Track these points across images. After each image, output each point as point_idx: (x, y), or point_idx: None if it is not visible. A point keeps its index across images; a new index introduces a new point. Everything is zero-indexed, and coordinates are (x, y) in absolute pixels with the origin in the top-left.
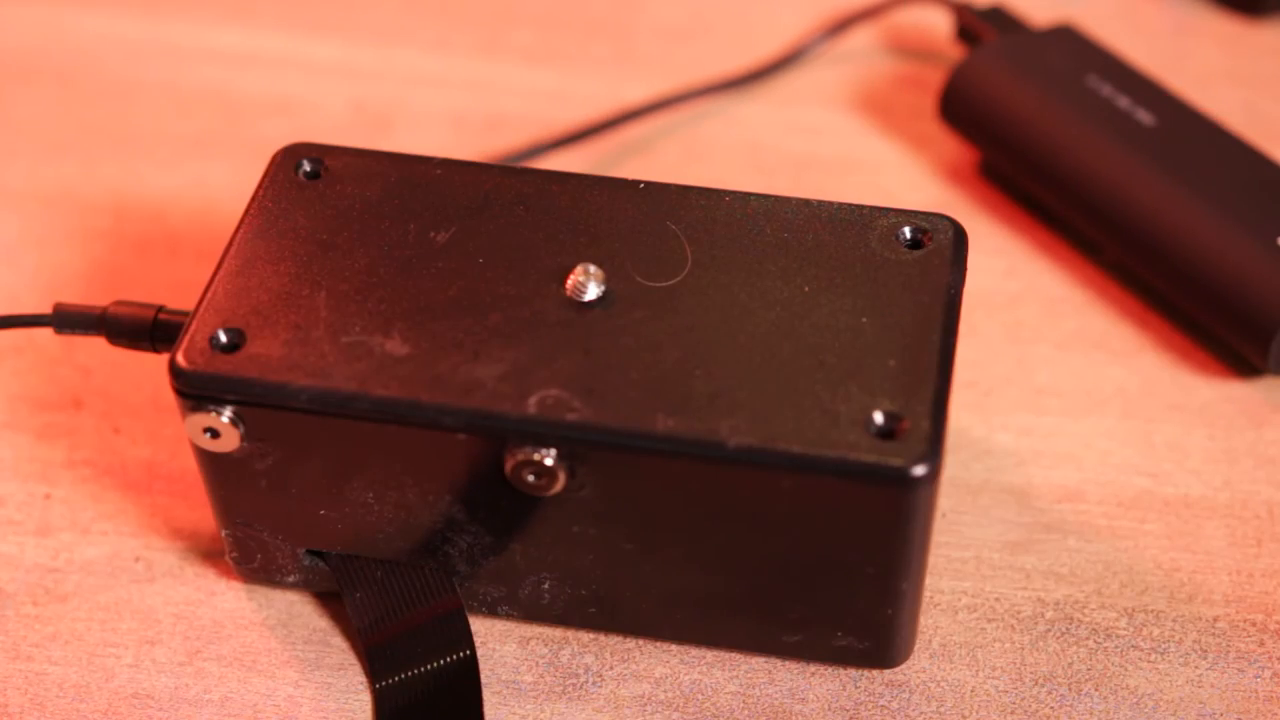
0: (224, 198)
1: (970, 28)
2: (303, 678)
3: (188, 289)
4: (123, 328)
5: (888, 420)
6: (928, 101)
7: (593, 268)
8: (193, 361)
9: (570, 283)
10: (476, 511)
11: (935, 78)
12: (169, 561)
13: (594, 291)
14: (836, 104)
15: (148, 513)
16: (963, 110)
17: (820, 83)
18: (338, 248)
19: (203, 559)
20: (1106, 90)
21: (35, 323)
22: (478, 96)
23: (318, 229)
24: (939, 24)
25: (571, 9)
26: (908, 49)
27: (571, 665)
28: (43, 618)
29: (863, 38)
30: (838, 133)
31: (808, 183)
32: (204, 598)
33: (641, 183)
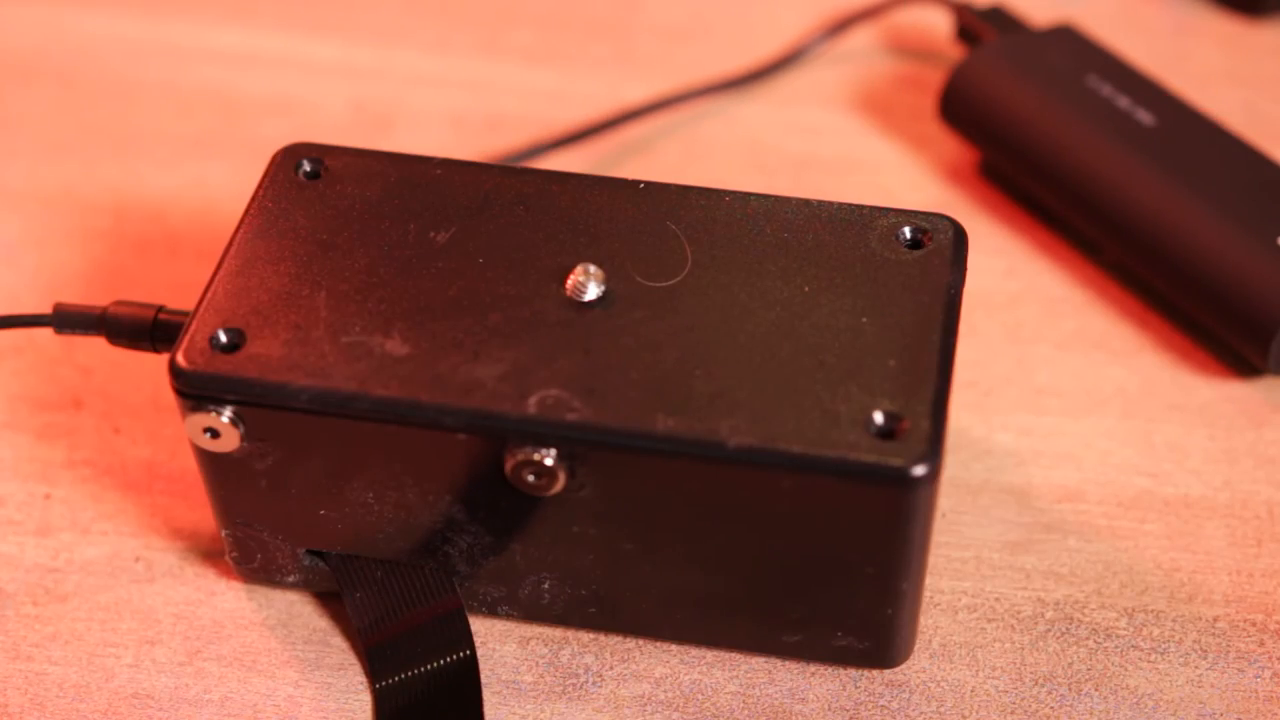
0: (224, 198)
1: (970, 28)
2: (303, 678)
3: (188, 289)
4: (123, 328)
5: (888, 420)
6: (928, 101)
7: (593, 268)
8: (193, 361)
9: (570, 283)
10: (476, 511)
11: (935, 78)
12: (169, 561)
13: (594, 291)
14: (836, 104)
15: (148, 513)
16: (963, 110)
17: (820, 83)
18: (338, 248)
19: (203, 559)
20: (1107, 90)
21: (35, 323)
22: (478, 96)
23: (318, 229)
24: (939, 24)
25: (571, 9)
26: (908, 49)
27: (571, 665)
28: (43, 618)
29: (863, 38)
30: (838, 133)
31: (808, 183)
32: (204, 598)
33: (641, 183)
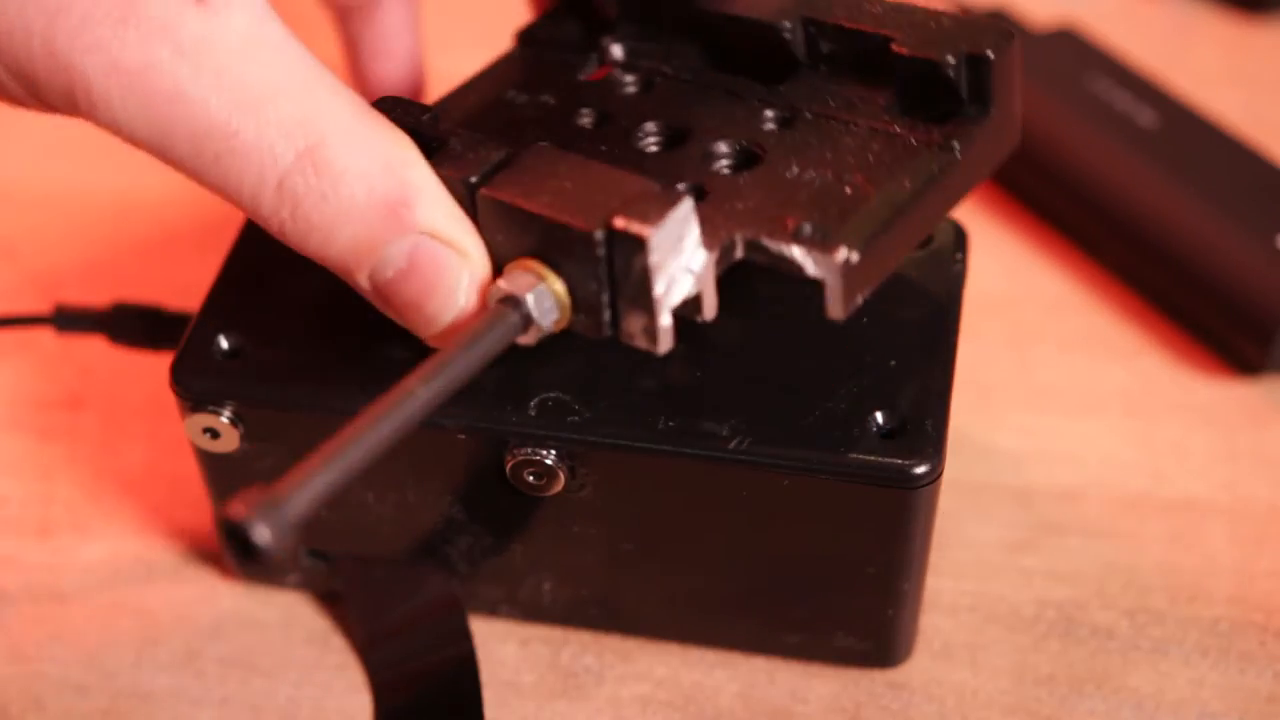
0: None
1: None
2: (303, 678)
3: (188, 289)
4: (123, 328)
5: (889, 420)
6: None
7: None
8: (194, 367)
9: None
10: (476, 511)
11: None
12: (169, 561)
13: None
14: None
15: (148, 513)
16: None
17: None
18: None
19: (203, 559)
20: (1108, 91)
21: (35, 322)
22: None
23: None
24: None
25: None
26: None
27: (571, 665)
28: (43, 618)
29: None
30: None
31: None
32: (204, 598)
33: None
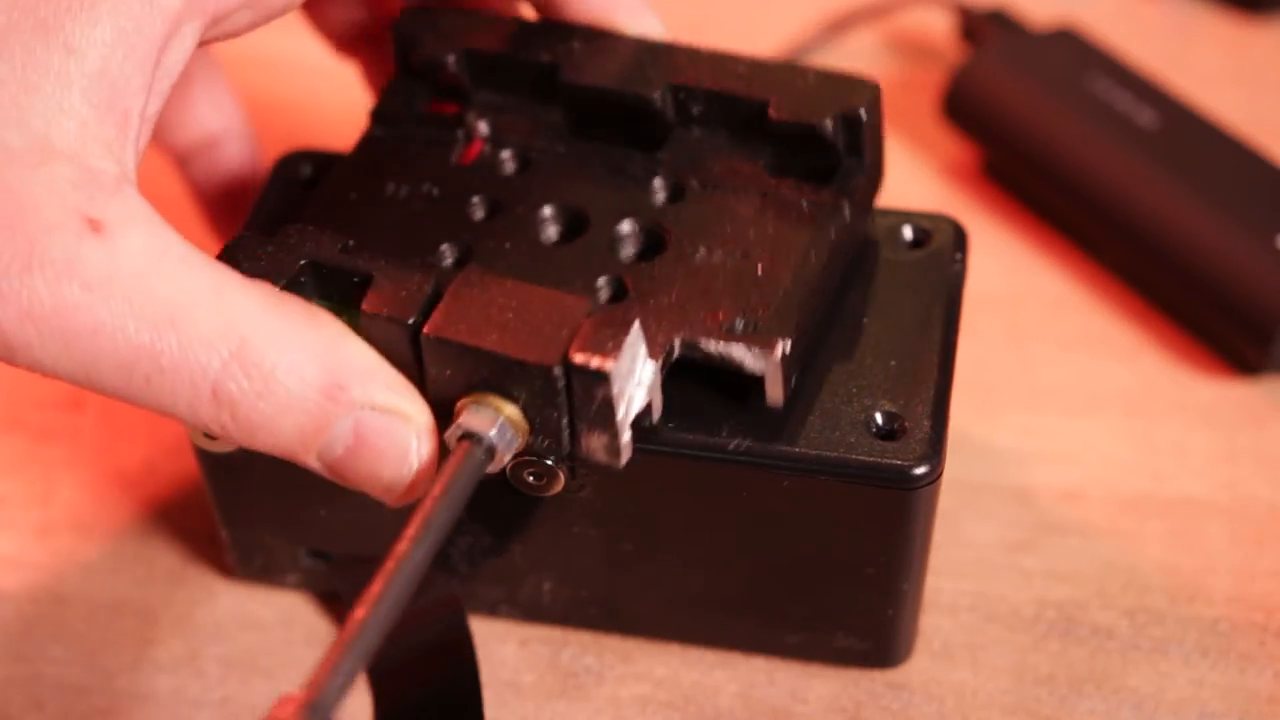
0: None
1: (972, 29)
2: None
3: None
4: None
5: (888, 421)
6: (928, 102)
7: None
8: None
9: None
10: (476, 512)
11: (936, 78)
12: (169, 561)
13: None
14: None
15: (148, 513)
16: (967, 111)
17: None
18: None
19: (203, 559)
20: (1108, 91)
21: None
22: None
23: None
24: (940, 25)
25: None
26: (909, 49)
27: (571, 665)
28: (43, 618)
29: (864, 38)
30: None
31: None
32: (204, 598)
33: None
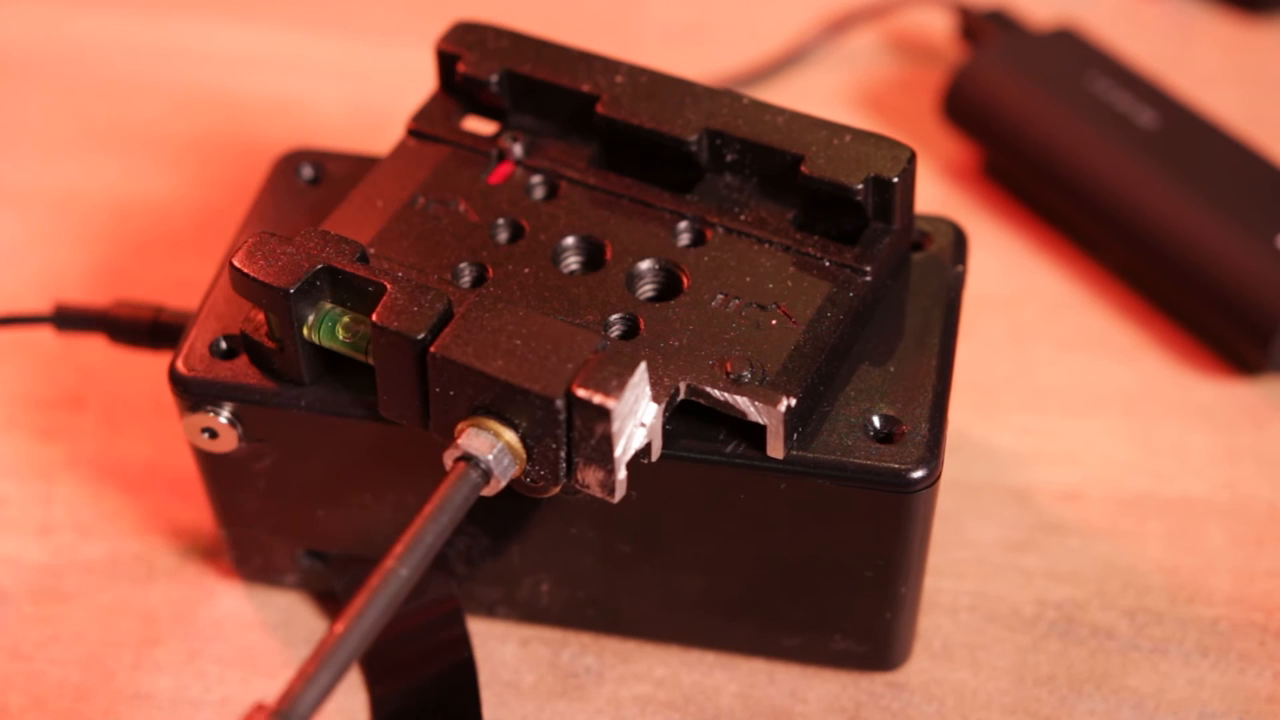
0: (224, 198)
1: (972, 29)
2: None
3: (188, 289)
4: (123, 327)
5: (886, 424)
6: (928, 101)
7: None
8: (193, 368)
9: None
10: (474, 512)
11: (936, 78)
12: (169, 561)
13: None
14: (837, 104)
15: (148, 513)
16: (967, 111)
17: (821, 83)
18: None
19: (203, 559)
20: (1108, 91)
21: (36, 322)
22: None
23: None
24: (940, 24)
25: (574, 8)
26: (908, 49)
27: (571, 666)
28: (43, 618)
29: (864, 38)
30: None
31: None
32: (204, 598)
33: None
